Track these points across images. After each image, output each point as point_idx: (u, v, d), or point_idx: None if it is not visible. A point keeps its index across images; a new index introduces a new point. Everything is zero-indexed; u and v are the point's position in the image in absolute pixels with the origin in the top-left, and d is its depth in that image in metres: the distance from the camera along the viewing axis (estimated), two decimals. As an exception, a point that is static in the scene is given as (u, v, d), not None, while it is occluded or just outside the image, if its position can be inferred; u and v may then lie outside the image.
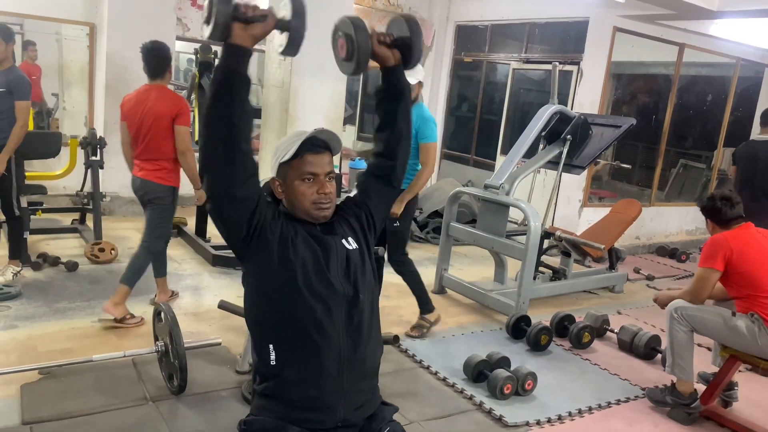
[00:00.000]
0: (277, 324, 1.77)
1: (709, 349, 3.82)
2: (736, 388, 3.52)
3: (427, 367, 3.67)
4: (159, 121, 3.84)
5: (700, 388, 3.50)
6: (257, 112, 5.89)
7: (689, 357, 3.32)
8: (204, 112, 1.68)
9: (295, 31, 1.72)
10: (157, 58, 4.02)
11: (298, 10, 1.71)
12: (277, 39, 1.78)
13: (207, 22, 1.64)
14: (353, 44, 1.82)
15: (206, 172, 1.69)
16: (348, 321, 1.78)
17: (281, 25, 1.72)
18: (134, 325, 3.78)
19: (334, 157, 1.94)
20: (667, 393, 3.38)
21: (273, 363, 1.75)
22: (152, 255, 3.95)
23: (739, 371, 3.55)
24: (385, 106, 1.98)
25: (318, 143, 1.85)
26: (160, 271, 4.14)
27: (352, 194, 2.06)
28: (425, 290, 4.14)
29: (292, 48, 1.75)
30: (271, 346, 1.76)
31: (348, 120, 8.72)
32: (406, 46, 1.89)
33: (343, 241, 1.86)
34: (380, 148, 2.00)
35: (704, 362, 3.76)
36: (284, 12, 1.73)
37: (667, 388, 3.41)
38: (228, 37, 1.63)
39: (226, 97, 1.64)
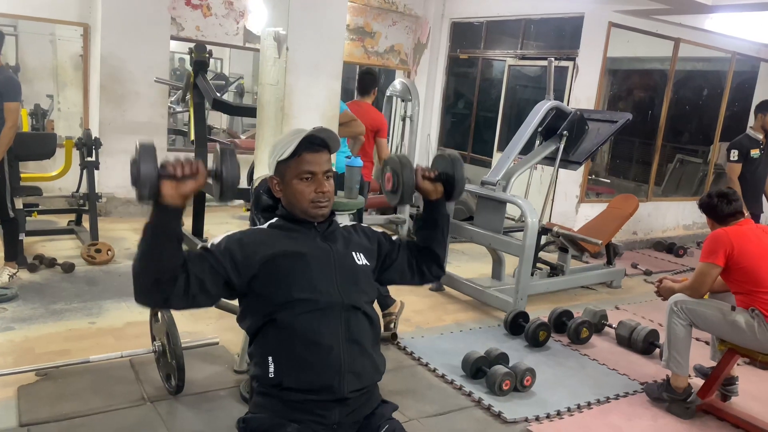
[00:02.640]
0: (275, 337, 1.75)
1: (707, 343, 3.82)
2: (736, 382, 3.52)
3: (426, 365, 3.66)
4: (366, 133, 4.62)
5: (697, 382, 3.50)
6: (247, 111, 5.86)
7: (686, 352, 3.32)
8: (134, 261, 1.61)
9: (226, 179, 1.70)
10: (363, 81, 5.01)
11: (226, 158, 1.70)
12: (213, 187, 1.76)
13: (133, 184, 1.56)
14: (399, 180, 2.00)
15: (151, 308, 1.68)
16: (348, 331, 1.77)
17: (213, 176, 1.71)
18: None
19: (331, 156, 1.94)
20: (662, 389, 3.39)
21: (272, 375, 1.74)
22: None
23: (738, 365, 3.55)
24: (423, 234, 2.07)
25: (316, 142, 1.84)
26: None
27: (392, 237, 2.10)
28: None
29: (225, 195, 1.73)
30: (269, 359, 1.75)
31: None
32: (449, 183, 2.03)
33: (354, 254, 1.88)
34: (418, 263, 2.08)
35: (702, 356, 3.76)
36: (214, 162, 1.73)
37: (662, 383, 3.42)
38: (157, 198, 1.56)
39: (156, 255, 1.58)
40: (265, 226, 1.92)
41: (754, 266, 3.12)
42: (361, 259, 1.89)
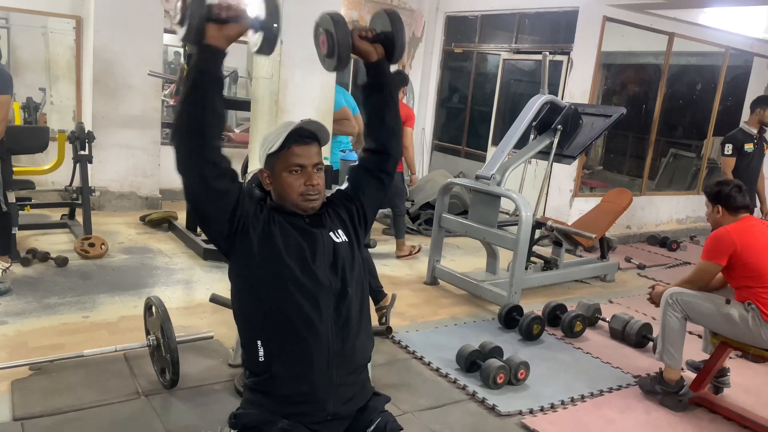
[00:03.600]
0: (264, 320, 1.76)
1: (699, 336, 3.84)
2: (728, 374, 3.54)
3: (420, 358, 3.67)
4: None
5: (690, 376, 3.53)
6: (241, 104, 5.85)
7: (679, 344, 3.34)
8: (176, 111, 1.66)
9: (269, 30, 1.72)
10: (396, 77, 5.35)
11: (272, 10, 1.71)
12: (252, 38, 1.77)
13: (181, 23, 1.61)
14: (333, 40, 1.82)
15: (181, 171, 1.67)
16: (336, 315, 1.77)
17: (255, 25, 1.71)
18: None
19: (323, 148, 1.93)
20: (655, 382, 3.41)
21: (261, 359, 1.74)
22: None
23: (730, 358, 3.58)
24: (372, 100, 1.97)
25: (306, 134, 1.83)
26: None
27: (343, 187, 2.05)
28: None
29: (266, 47, 1.75)
30: (259, 342, 1.75)
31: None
32: (389, 41, 1.89)
33: (331, 233, 1.85)
34: (371, 143, 1.99)
35: (695, 350, 3.78)
36: (258, 11, 1.72)
37: (655, 376, 3.44)
38: (202, 38, 1.61)
39: (200, 97, 1.62)
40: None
41: (757, 262, 3.13)
42: (340, 237, 1.87)
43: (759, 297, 3.11)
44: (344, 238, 1.87)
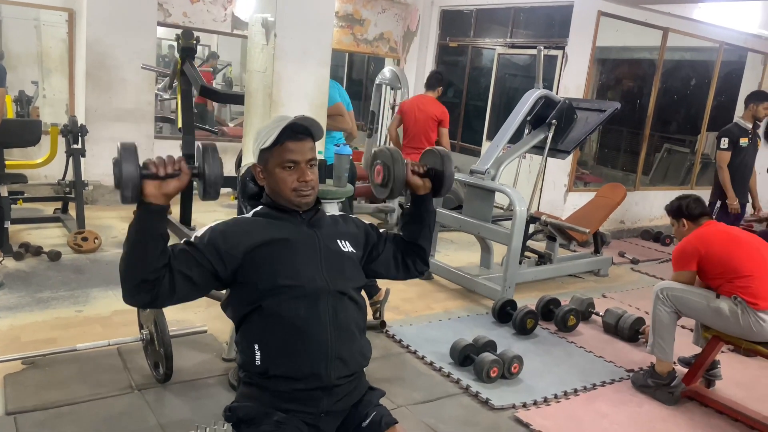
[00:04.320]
0: (261, 324, 1.75)
1: (691, 330, 3.86)
2: (718, 366, 3.57)
3: (414, 352, 3.68)
4: (428, 122, 5.58)
5: (681, 370, 3.55)
6: (235, 98, 5.83)
7: (670, 338, 3.37)
8: (120, 264, 1.61)
9: (209, 177, 1.71)
10: (430, 78, 5.85)
11: (208, 160, 1.70)
12: (197, 185, 1.77)
13: (116, 185, 1.55)
14: (390, 174, 2.00)
15: (140, 308, 1.67)
16: (335, 317, 1.77)
17: (195, 173, 1.70)
18: None
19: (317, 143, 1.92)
20: (647, 376, 3.43)
21: (258, 363, 1.74)
22: None
23: (722, 351, 3.60)
24: (410, 229, 2.06)
25: (299, 130, 1.82)
26: None
27: (380, 229, 2.09)
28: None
29: (209, 195, 1.74)
30: (255, 346, 1.74)
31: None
32: (438, 177, 2.03)
33: (338, 241, 1.88)
34: (401, 259, 2.07)
35: (687, 344, 3.80)
36: (197, 161, 1.73)
37: (648, 371, 3.46)
38: (140, 198, 1.56)
39: (141, 256, 1.58)
40: (250, 215, 1.91)
41: (724, 257, 3.24)
42: (347, 247, 1.89)
43: (741, 289, 3.16)
44: (351, 249, 1.91)
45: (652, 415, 3.24)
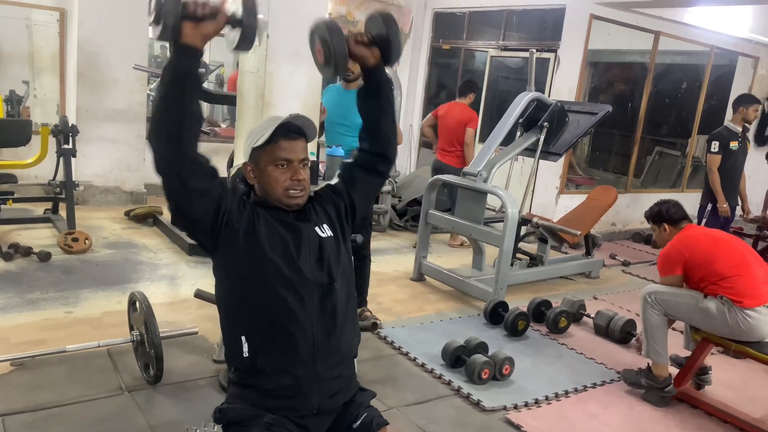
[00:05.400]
0: (248, 315, 1.75)
1: (681, 332, 3.88)
2: (709, 372, 3.58)
3: (406, 354, 3.68)
4: (458, 126, 6.00)
5: (673, 371, 3.56)
6: (227, 98, 5.81)
7: (663, 340, 3.38)
8: (153, 111, 1.62)
9: (247, 26, 1.69)
10: (462, 86, 6.35)
11: (249, 6, 1.69)
12: (230, 35, 1.75)
13: (156, 22, 1.57)
14: (330, 48, 1.82)
15: (160, 172, 1.64)
16: (321, 309, 1.76)
17: (233, 22, 1.69)
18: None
19: (309, 144, 1.92)
20: (642, 375, 3.44)
21: (246, 355, 1.73)
22: None
23: (711, 354, 3.62)
24: (368, 105, 1.97)
25: (293, 129, 1.82)
26: None
27: (333, 182, 2.04)
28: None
29: (244, 44, 1.72)
30: (243, 338, 1.74)
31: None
32: (385, 44, 1.88)
33: (317, 228, 1.84)
34: (368, 145, 1.99)
35: (678, 346, 3.82)
36: (235, 7, 1.70)
37: (643, 370, 3.47)
38: (178, 37, 1.57)
39: (177, 99, 1.59)
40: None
41: (708, 259, 3.27)
42: (325, 231, 1.86)
43: (727, 289, 3.18)
44: (330, 233, 1.87)
45: (642, 417, 3.25)
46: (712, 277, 3.23)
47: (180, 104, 1.59)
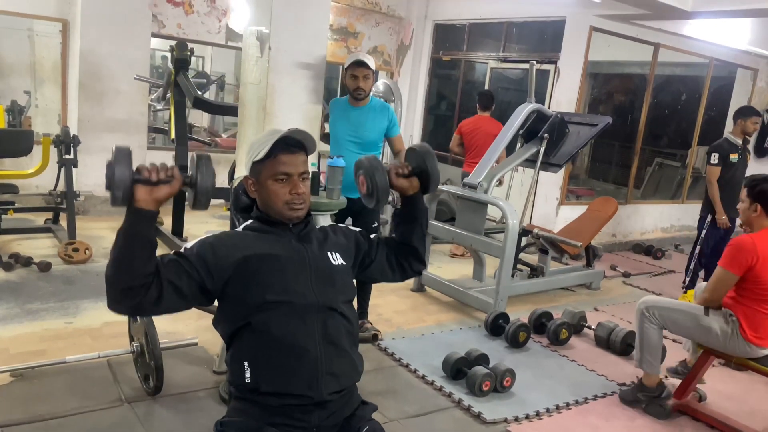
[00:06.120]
0: (251, 342, 1.74)
1: (674, 341, 3.88)
2: (704, 382, 3.57)
3: (407, 365, 3.67)
4: (488, 139, 5.73)
5: (673, 382, 3.55)
6: (229, 109, 5.81)
7: (658, 352, 3.39)
8: (106, 270, 1.59)
9: (201, 186, 1.73)
10: (483, 99, 6.46)
11: (202, 168, 1.73)
12: (187, 195, 1.79)
13: (107, 187, 1.57)
14: (372, 183, 1.98)
15: (124, 315, 1.65)
16: (324, 332, 1.76)
17: (188, 182, 1.72)
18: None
19: (310, 156, 1.93)
20: (637, 390, 3.44)
21: (248, 381, 1.72)
22: None
23: (713, 366, 3.61)
24: (402, 229, 2.07)
25: (292, 143, 1.83)
26: None
27: (368, 233, 2.09)
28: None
29: (198, 205, 1.76)
30: (245, 364, 1.73)
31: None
32: (424, 176, 2.01)
33: (329, 254, 1.87)
34: (404, 252, 2.07)
35: (676, 357, 3.81)
36: (191, 168, 1.75)
37: (636, 385, 3.46)
38: (131, 202, 1.57)
39: (128, 262, 1.57)
40: (240, 228, 1.92)
41: (764, 280, 3.03)
42: (337, 259, 1.88)
43: (745, 314, 3.08)
44: (342, 261, 1.90)
45: (644, 429, 3.24)
46: (753, 295, 3.05)
47: (131, 267, 1.57)
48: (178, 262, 1.69)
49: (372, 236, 2.08)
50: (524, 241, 5.28)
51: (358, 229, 2.08)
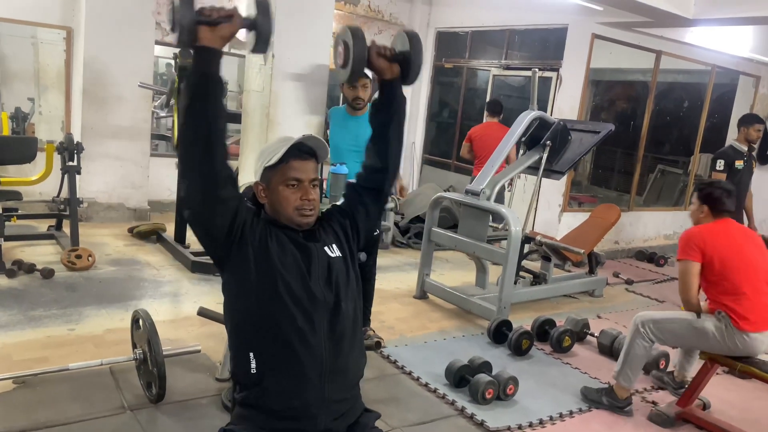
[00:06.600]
0: (257, 332, 1.75)
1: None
2: (686, 386, 3.58)
3: (409, 373, 3.66)
4: (498, 143, 5.54)
5: (666, 395, 3.54)
6: (232, 117, 5.86)
7: (639, 369, 3.40)
8: (180, 118, 1.66)
9: (261, 28, 1.74)
10: (492, 107, 6.63)
11: (263, 7, 1.73)
12: (247, 38, 1.80)
13: (173, 29, 1.64)
14: (349, 52, 1.85)
15: (185, 177, 1.67)
16: (330, 330, 1.76)
17: (248, 24, 1.73)
18: None
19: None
20: (603, 393, 3.45)
21: (253, 371, 1.73)
22: None
23: (717, 374, 3.60)
24: (379, 118, 1.99)
25: (304, 149, 1.84)
26: None
27: (339, 203, 2.06)
28: None
29: (260, 45, 1.77)
30: (251, 354, 1.74)
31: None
32: (406, 62, 1.91)
33: (326, 248, 1.86)
34: (371, 160, 2.00)
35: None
36: (250, 10, 1.75)
37: (604, 389, 3.47)
38: (195, 41, 1.63)
39: (202, 100, 1.63)
40: None
41: (725, 269, 3.18)
42: (334, 252, 1.88)
43: (729, 308, 3.14)
44: (338, 253, 1.88)
45: (647, 438, 3.23)
46: (720, 287, 3.18)
47: (205, 109, 1.63)
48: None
49: (342, 194, 2.06)
50: (527, 248, 5.27)
51: (337, 204, 2.03)
